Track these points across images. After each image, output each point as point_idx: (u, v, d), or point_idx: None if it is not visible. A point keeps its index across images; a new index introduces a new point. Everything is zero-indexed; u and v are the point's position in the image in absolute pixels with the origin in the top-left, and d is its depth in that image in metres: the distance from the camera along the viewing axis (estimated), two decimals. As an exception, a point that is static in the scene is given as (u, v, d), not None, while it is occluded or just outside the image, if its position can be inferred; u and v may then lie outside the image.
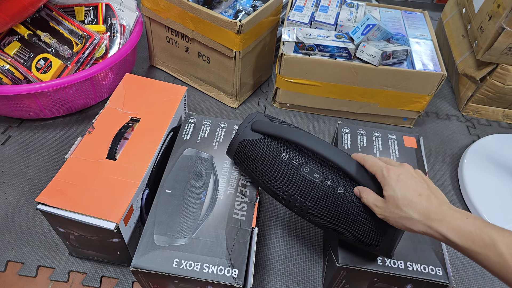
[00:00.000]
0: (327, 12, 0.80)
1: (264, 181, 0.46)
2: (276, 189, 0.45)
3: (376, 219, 0.39)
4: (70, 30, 0.68)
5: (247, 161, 0.47)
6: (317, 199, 0.42)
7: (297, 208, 0.44)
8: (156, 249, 0.42)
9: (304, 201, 0.43)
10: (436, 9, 1.16)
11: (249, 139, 0.46)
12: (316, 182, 0.42)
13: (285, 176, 0.44)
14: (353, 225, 0.41)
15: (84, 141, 0.51)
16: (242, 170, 0.50)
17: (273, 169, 0.44)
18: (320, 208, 0.42)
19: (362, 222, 0.40)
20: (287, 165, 0.44)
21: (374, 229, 0.40)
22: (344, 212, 0.41)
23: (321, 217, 0.43)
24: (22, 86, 0.62)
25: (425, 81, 0.70)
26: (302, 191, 0.43)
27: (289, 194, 0.44)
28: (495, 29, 0.70)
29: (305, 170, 0.43)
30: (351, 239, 0.42)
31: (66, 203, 0.44)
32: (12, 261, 0.53)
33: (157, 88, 0.60)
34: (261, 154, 0.45)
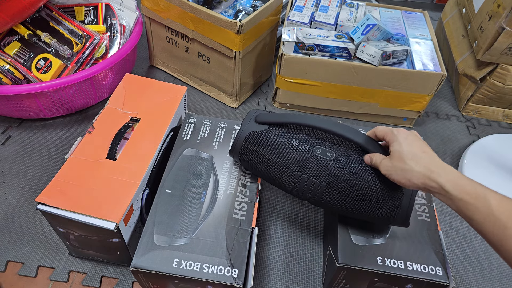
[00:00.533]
0: (327, 12, 0.80)
1: (275, 172, 0.45)
2: (289, 178, 0.45)
3: (391, 188, 0.41)
4: (70, 30, 0.68)
5: (255, 155, 0.46)
6: (333, 177, 0.43)
7: (312, 192, 0.44)
8: (156, 249, 0.42)
9: (320, 183, 0.43)
10: (436, 9, 1.16)
11: (256, 131, 0.46)
12: (330, 161, 0.43)
13: (298, 160, 0.44)
14: (370, 198, 0.42)
15: (84, 141, 0.51)
16: (249, 167, 0.49)
17: (285, 156, 0.44)
18: (336, 186, 0.43)
19: (378, 192, 0.42)
20: (298, 149, 0.44)
21: (390, 199, 0.42)
22: (360, 185, 0.42)
23: (338, 196, 0.43)
24: (22, 86, 0.62)
25: (425, 81, 0.70)
26: (317, 172, 0.43)
27: (304, 179, 0.44)
28: (495, 29, 0.70)
29: (317, 151, 0.44)
30: (369, 214, 0.43)
31: (66, 203, 0.44)
32: (12, 261, 0.53)
33: (157, 88, 0.60)
34: (271, 143, 0.45)
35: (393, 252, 0.45)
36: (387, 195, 0.42)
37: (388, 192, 0.42)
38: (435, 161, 0.37)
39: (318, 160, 0.43)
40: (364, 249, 0.45)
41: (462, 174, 0.35)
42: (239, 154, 0.48)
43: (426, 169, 0.36)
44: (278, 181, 0.46)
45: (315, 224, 0.60)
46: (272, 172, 0.46)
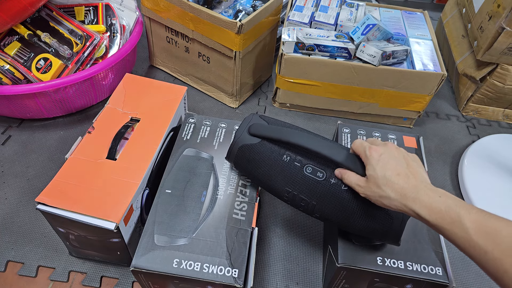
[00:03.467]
0: (327, 12, 0.80)
1: (268, 184, 0.46)
2: (280, 191, 0.45)
3: (384, 210, 0.40)
4: (70, 30, 0.68)
5: (249, 166, 0.47)
6: (323, 197, 0.42)
7: (304, 207, 0.45)
8: (156, 249, 0.42)
9: (310, 201, 0.43)
10: (436, 9, 1.16)
11: (248, 144, 0.46)
12: (320, 181, 0.43)
13: (288, 178, 0.44)
14: (361, 218, 0.42)
15: (84, 141, 0.51)
16: (244, 174, 0.50)
17: (276, 172, 0.44)
18: (326, 205, 0.43)
19: (370, 214, 0.41)
20: (289, 167, 0.44)
21: (382, 219, 0.41)
22: (351, 208, 0.42)
23: (329, 214, 0.43)
24: (22, 86, 0.62)
25: (425, 81, 0.70)
26: (307, 191, 0.43)
27: (294, 195, 0.44)
28: (495, 29, 0.70)
29: (307, 170, 0.43)
30: (361, 231, 0.43)
31: (66, 203, 0.44)
32: (12, 261, 0.53)
33: (157, 88, 0.60)
34: (262, 158, 0.45)
35: (393, 252, 0.45)
36: (378, 213, 0.41)
37: (380, 214, 0.41)
38: (409, 185, 0.35)
39: (308, 179, 0.43)
40: (364, 249, 0.45)
41: (440, 190, 0.34)
42: (233, 162, 0.49)
43: (401, 196, 0.35)
44: (272, 191, 0.47)
45: (315, 224, 0.60)
46: (267, 183, 0.46)
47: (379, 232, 0.42)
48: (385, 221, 0.41)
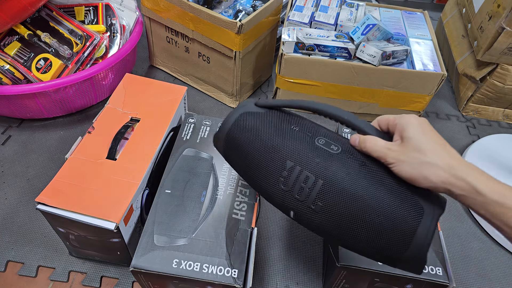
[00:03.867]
0: (327, 12, 0.80)
1: (262, 162, 0.37)
2: (277, 170, 0.36)
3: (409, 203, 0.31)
4: (70, 30, 0.68)
5: (244, 139, 0.38)
6: (334, 173, 0.33)
7: (302, 194, 0.34)
8: (156, 249, 0.42)
9: (316, 179, 0.34)
10: (436, 9, 1.16)
11: (252, 111, 0.39)
12: (334, 154, 0.34)
13: (294, 147, 0.36)
14: (378, 213, 0.32)
15: (84, 141, 0.51)
16: (231, 157, 0.41)
17: (280, 141, 0.36)
18: (336, 186, 0.33)
19: (390, 207, 0.31)
20: (298, 135, 0.36)
21: (405, 218, 0.31)
22: (368, 194, 0.32)
23: (335, 202, 0.33)
24: (22, 86, 0.62)
25: (425, 81, 0.70)
26: (315, 164, 0.34)
27: (296, 172, 0.35)
28: (495, 29, 0.70)
29: (320, 141, 0.36)
30: (372, 238, 0.32)
31: (66, 203, 0.44)
32: (12, 261, 0.53)
33: (157, 88, 0.60)
34: (265, 124, 0.38)
35: (393, 252, 0.45)
36: (400, 212, 0.31)
37: (404, 208, 0.31)
38: (456, 157, 0.30)
39: (319, 150, 0.35)
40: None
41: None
42: (225, 137, 0.40)
43: (448, 166, 0.29)
44: (262, 176, 0.37)
45: (315, 224, 0.60)
46: (257, 163, 0.37)
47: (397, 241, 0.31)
48: (412, 215, 0.31)
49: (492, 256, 0.59)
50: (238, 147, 0.39)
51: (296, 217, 0.37)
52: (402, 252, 0.32)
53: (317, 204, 0.34)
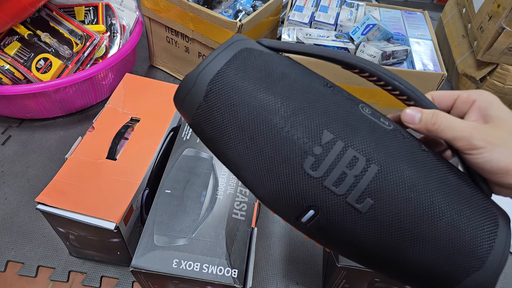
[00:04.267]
0: (327, 12, 0.80)
1: (277, 127, 0.23)
2: (304, 142, 0.23)
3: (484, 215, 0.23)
4: (70, 30, 0.68)
5: (248, 89, 0.24)
6: (397, 158, 0.23)
7: (342, 185, 0.22)
8: (156, 249, 0.42)
9: (368, 162, 0.22)
10: (436, 9, 1.16)
11: (259, 50, 0.26)
12: (388, 131, 0.24)
13: (334, 113, 0.23)
14: (450, 225, 0.22)
15: (84, 141, 0.51)
16: (212, 120, 0.25)
17: (311, 97, 0.24)
18: (400, 177, 0.22)
19: (463, 217, 0.22)
20: (335, 98, 0.24)
21: (477, 235, 0.22)
22: (439, 194, 0.22)
23: (396, 202, 0.22)
24: (22, 86, 0.62)
25: (425, 81, 0.70)
26: (367, 141, 0.23)
27: (337, 149, 0.22)
28: (495, 29, 0.70)
29: (366, 110, 0.25)
30: (429, 259, 0.22)
31: (66, 203, 0.44)
32: (12, 261, 0.53)
33: (157, 88, 0.60)
34: (284, 72, 0.24)
35: (393, 252, 0.44)
36: (477, 225, 0.22)
37: (478, 220, 0.22)
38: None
39: (369, 122, 0.23)
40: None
41: None
42: (208, 85, 0.24)
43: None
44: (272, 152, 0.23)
45: (315, 224, 0.60)
46: (268, 129, 0.23)
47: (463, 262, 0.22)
48: (486, 231, 0.22)
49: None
50: (233, 102, 0.24)
51: (314, 223, 0.23)
52: (460, 281, 0.22)
53: (365, 202, 0.22)
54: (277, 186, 0.24)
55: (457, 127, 0.24)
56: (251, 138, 0.24)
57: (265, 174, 0.24)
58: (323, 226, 0.24)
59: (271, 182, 0.24)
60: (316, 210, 0.23)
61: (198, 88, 0.25)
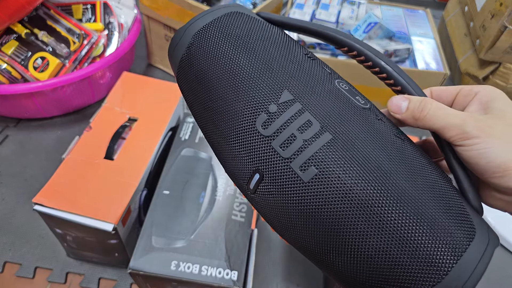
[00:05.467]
0: (328, 10, 0.79)
1: (245, 83, 0.23)
2: (262, 97, 0.22)
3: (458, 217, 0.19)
4: (68, 29, 0.68)
5: (227, 44, 0.24)
6: (356, 132, 0.21)
7: (289, 147, 0.21)
8: (154, 251, 0.41)
9: (322, 129, 0.21)
10: (438, 7, 1.15)
11: (248, 14, 0.26)
12: (359, 108, 0.22)
13: (302, 78, 0.23)
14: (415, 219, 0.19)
15: (81, 141, 0.51)
16: (191, 76, 0.25)
17: (282, 59, 0.23)
18: (350, 147, 0.20)
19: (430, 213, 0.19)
20: (311, 67, 0.24)
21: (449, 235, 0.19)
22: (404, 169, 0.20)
23: (344, 177, 0.19)
24: (20, 86, 0.61)
25: (427, 80, 0.69)
26: (326, 109, 0.21)
27: (292, 110, 0.21)
28: (497, 28, 0.69)
29: (342, 85, 0.24)
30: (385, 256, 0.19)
31: (64, 204, 0.44)
32: (10, 262, 0.52)
33: (155, 87, 0.59)
34: (265, 36, 0.24)
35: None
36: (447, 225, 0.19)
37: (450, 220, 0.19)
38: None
39: (339, 95, 0.22)
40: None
41: None
42: (191, 38, 0.25)
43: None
44: (232, 104, 0.23)
45: (316, 224, 0.60)
46: (234, 81, 0.23)
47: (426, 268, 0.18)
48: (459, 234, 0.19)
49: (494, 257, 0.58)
50: (207, 55, 0.24)
51: (260, 190, 0.22)
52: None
53: (309, 169, 0.20)
54: (232, 144, 0.23)
55: (449, 114, 0.21)
56: (216, 89, 0.24)
57: (224, 130, 0.24)
58: (266, 194, 0.22)
59: (228, 140, 0.23)
60: (261, 174, 0.22)
61: (184, 41, 0.26)
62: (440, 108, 0.21)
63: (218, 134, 0.24)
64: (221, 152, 0.25)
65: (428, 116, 0.21)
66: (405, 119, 0.23)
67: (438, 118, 0.21)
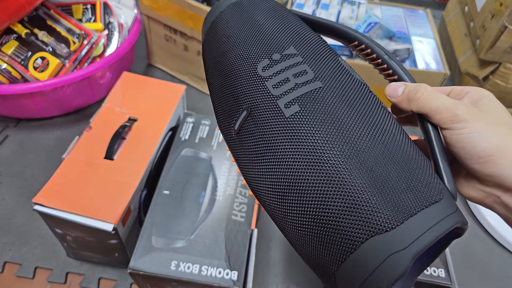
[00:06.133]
0: (328, 10, 0.79)
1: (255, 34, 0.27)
2: (269, 47, 0.25)
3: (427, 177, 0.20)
4: (68, 29, 0.68)
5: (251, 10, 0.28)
6: (346, 87, 0.23)
7: (281, 87, 0.23)
8: (154, 251, 0.41)
9: (315, 78, 0.23)
10: (438, 7, 1.15)
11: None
12: (353, 77, 0.25)
13: (305, 40, 0.26)
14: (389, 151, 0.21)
15: (81, 141, 0.51)
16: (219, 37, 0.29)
17: (289, 24, 0.27)
18: (341, 91, 0.23)
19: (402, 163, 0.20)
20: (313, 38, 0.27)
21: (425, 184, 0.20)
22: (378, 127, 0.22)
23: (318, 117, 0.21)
24: (20, 86, 0.61)
25: (427, 80, 0.69)
26: (325, 65, 0.24)
27: (293, 60, 0.24)
28: (497, 28, 0.69)
29: (340, 59, 0.27)
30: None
31: (64, 204, 0.44)
32: (10, 262, 0.52)
33: (155, 87, 0.59)
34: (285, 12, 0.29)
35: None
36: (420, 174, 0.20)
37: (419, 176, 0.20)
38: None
39: (335, 62, 0.25)
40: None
41: None
42: (215, 17, 0.30)
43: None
44: (241, 53, 0.26)
45: (316, 224, 0.60)
46: (253, 33, 0.27)
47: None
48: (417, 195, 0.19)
49: (494, 257, 0.58)
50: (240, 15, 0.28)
51: (243, 127, 0.24)
52: (336, 265, 0.19)
53: (292, 107, 0.22)
54: (232, 84, 0.26)
55: (441, 97, 0.22)
56: (236, 37, 0.27)
57: (227, 72, 0.27)
58: (248, 134, 0.24)
59: (228, 81, 0.27)
60: (248, 112, 0.24)
61: (208, 20, 0.31)
62: (434, 91, 0.23)
63: (222, 77, 0.27)
64: (219, 93, 0.28)
65: (423, 97, 0.23)
66: (400, 102, 0.24)
67: (432, 99, 0.22)
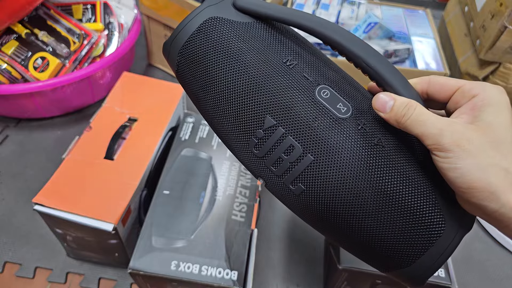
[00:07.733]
0: (328, 10, 0.79)
1: (231, 107, 0.25)
2: (249, 124, 0.25)
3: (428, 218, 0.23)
4: (68, 29, 0.68)
5: (208, 59, 0.25)
6: (335, 152, 0.23)
7: (279, 168, 0.24)
8: (154, 251, 0.41)
9: (304, 152, 0.23)
10: (438, 7, 1.15)
11: (227, 18, 0.26)
12: (339, 120, 0.23)
13: (281, 98, 0.24)
14: (392, 212, 0.22)
15: (81, 141, 0.51)
16: (188, 83, 0.28)
17: (261, 80, 0.24)
18: (332, 168, 0.23)
19: (408, 206, 0.22)
20: (291, 79, 0.24)
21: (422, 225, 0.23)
22: (377, 184, 0.22)
23: (325, 194, 0.23)
24: (20, 86, 0.61)
25: (427, 80, 0.69)
26: (307, 131, 0.23)
27: (276, 136, 0.24)
28: (497, 28, 0.69)
29: (323, 93, 0.24)
30: (373, 239, 0.23)
31: (64, 204, 0.44)
32: (10, 262, 0.52)
33: (155, 87, 0.59)
34: (244, 49, 0.25)
35: (394, 254, 0.44)
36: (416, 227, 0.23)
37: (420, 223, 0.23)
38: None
39: (318, 109, 0.23)
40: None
41: None
42: (181, 48, 0.27)
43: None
44: (225, 125, 0.26)
45: (316, 225, 0.60)
46: (221, 104, 0.25)
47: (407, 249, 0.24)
48: (426, 233, 0.23)
49: (495, 257, 0.58)
50: (198, 67, 0.26)
51: (268, 187, 0.27)
52: (400, 267, 0.25)
53: (298, 186, 0.24)
54: (237, 157, 0.28)
55: (428, 121, 0.20)
56: (208, 104, 0.27)
57: (226, 145, 0.28)
58: (273, 192, 0.27)
59: (233, 153, 0.28)
60: (265, 181, 0.27)
61: (172, 56, 0.28)
62: (422, 114, 0.21)
63: (220, 137, 0.28)
64: (228, 147, 0.29)
65: (409, 122, 0.21)
66: (389, 120, 0.23)
67: (418, 124, 0.21)
